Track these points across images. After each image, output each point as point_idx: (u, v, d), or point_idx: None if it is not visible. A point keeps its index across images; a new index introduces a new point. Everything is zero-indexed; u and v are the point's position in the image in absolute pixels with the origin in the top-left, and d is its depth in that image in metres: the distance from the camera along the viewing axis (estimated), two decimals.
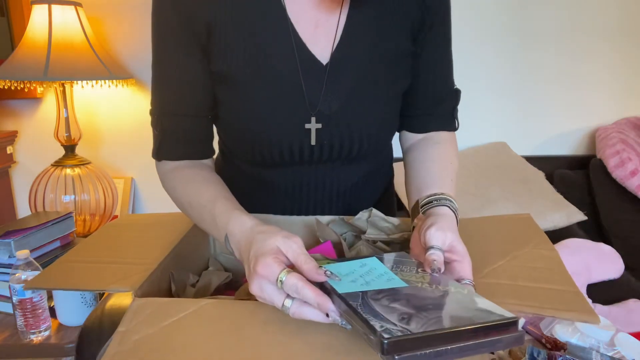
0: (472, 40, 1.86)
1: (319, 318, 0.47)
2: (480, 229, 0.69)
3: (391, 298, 0.46)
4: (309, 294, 0.47)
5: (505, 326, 0.41)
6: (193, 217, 0.70)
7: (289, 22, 0.68)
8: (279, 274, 0.49)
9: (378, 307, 0.44)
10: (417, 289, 0.48)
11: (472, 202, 1.63)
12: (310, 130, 0.71)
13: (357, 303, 0.44)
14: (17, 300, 1.04)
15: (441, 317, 0.42)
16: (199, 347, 0.46)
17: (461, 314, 0.43)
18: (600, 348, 0.68)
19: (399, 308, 0.43)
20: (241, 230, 0.58)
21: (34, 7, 1.57)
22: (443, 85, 0.79)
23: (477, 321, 0.41)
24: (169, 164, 0.74)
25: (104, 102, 1.94)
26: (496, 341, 0.41)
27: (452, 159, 0.77)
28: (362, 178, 0.81)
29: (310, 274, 0.49)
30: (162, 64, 0.71)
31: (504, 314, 0.42)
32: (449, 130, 0.81)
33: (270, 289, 0.49)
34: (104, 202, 1.74)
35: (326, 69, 0.69)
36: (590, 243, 1.49)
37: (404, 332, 0.39)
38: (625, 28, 1.84)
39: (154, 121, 0.74)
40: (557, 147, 1.97)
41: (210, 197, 0.66)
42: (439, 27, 0.74)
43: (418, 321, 0.41)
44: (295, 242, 0.51)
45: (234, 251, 0.59)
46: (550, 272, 0.56)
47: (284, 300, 0.49)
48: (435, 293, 0.47)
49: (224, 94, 0.72)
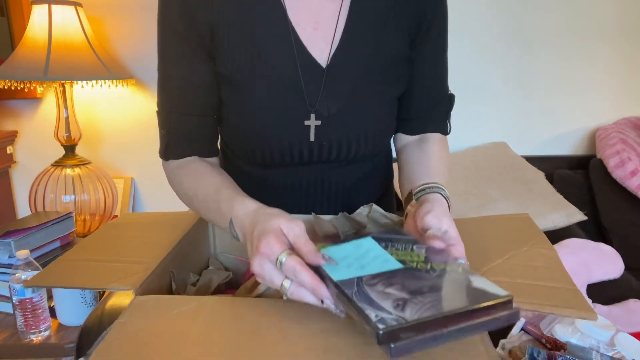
0: (472, 40, 1.86)
1: (316, 302, 0.48)
2: (479, 229, 0.70)
3: (386, 282, 0.46)
4: (305, 278, 0.48)
5: (500, 306, 0.42)
6: (199, 209, 0.71)
7: (290, 24, 0.69)
8: (279, 254, 0.49)
9: (373, 293, 0.44)
10: (412, 271, 0.48)
11: (472, 202, 1.63)
12: (309, 127, 0.72)
13: (352, 291, 0.45)
14: (17, 300, 1.04)
15: (436, 301, 0.42)
16: (200, 334, 0.46)
17: (456, 296, 0.43)
18: (600, 348, 0.68)
19: (394, 293, 0.44)
20: (245, 213, 0.59)
21: (34, 7, 1.57)
22: (438, 90, 0.81)
23: (471, 303, 0.41)
24: (175, 162, 0.75)
25: (104, 102, 1.95)
26: (492, 320, 0.41)
27: (443, 155, 0.79)
28: (362, 179, 0.82)
29: (309, 255, 0.49)
30: (168, 64, 0.72)
31: (498, 292, 0.43)
32: (441, 134, 0.82)
33: (270, 268, 0.50)
34: (104, 202, 1.74)
35: (325, 72, 0.70)
36: (590, 243, 1.49)
37: (398, 320, 0.39)
38: (626, 28, 1.84)
39: (160, 121, 0.75)
40: (557, 147, 1.97)
41: (215, 186, 0.68)
42: (435, 32, 0.75)
43: (413, 307, 0.41)
44: (298, 225, 0.52)
45: (238, 235, 0.60)
46: (548, 270, 0.56)
47: (283, 281, 0.49)
48: (430, 274, 0.48)
49: (227, 95, 0.73)
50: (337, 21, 0.70)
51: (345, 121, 0.73)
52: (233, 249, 0.80)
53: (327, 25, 0.70)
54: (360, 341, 0.45)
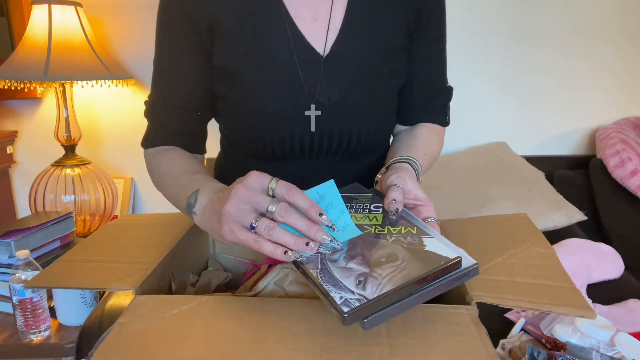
0: (472, 40, 1.86)
1: (305, 228, 0.49)
2: (478, 228, 0.70)
3: (347, 256, 0.49)
4: (300, 199, 0.49)
5: (452, 267, 0.46)
6: (169, 185, 0.70)
7: (288, 15, 0.70)
8: (269, 181, 0.50)
9: (336, 271, 0.48)
10: (370, 240, 0.52)
11: (472, 202, 1.63)
12: (310, 118, 0.72)
13: (316, 270, 0.48)
14: (17, 300, 1.05)
15: (394, 272, 0.46)
16: (200, 334, 0.46)
17: (411, 263, 0.47)
18: (600, 348, 0.69)
19: (355, 269, 0.47)
20: (218, 186, 0.59)
21: (34, 7, 1.57)
22: (436, 82, 0.82)
23: (424, 269, 0.46)
24: (155, 149, 0.76)
25: (104, 102, 1.95)
26: (451, 279, 0.46)
27: (432, 140, 0.80)
28: (363, 174, 0.82)
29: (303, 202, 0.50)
30: (160, 57, 0.74)
31: (448, 255, 0.47)
32: (439, 125, 0.84)
33: (256, 198, 0.49)
34: (104, 202, 1.74)
35: (324, 61, 0.71)
36: (590, 243, 1.49)
37: (360, 300, 0.43)
38: (626, 28, 1.84)
39: (146, 110, 0.77)
40: (557, 147, 1.97)
41: (194, 168, 0.68)
42: (433, 25, 0.77)
43: (373, 282, 0.45)
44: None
45: (198, 203, 0.59)
46: (547, 269, 0.56)
47: (269, 205, 0.49)
48: (387, 240, 0.51)
49: (226, 89, 0.73)
50: (337, 11, 0.72)
51: (346, 112, 0.73)
52: (232, 250, 0.80)
53: (327, 16, 0.72)
54: (360, 340, 0.45)
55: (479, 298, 0.50)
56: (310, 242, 0.48)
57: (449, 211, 1.57)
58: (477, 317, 0.49)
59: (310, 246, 0.48)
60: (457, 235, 0.67)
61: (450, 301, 0.53)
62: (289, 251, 0.48)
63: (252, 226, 0.49)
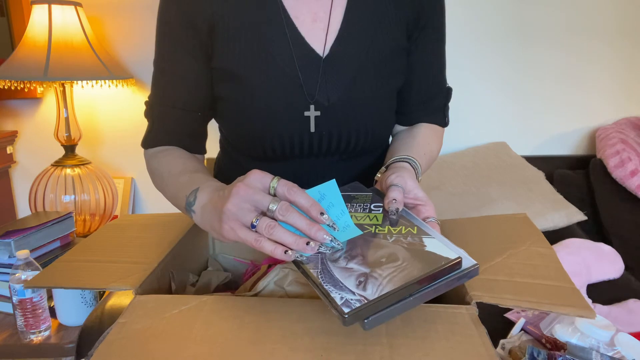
0: (472, 40, 1.86)
1: (306, 227, 0.48)
2: (477, 228, 0.70)
3: (348, 256, 0.49)
4: (302, 197, 0.49)
5: (452, 267, 0.46)
6: (169, 185, 0.70)
7: (288, 16, 0.70)
8: (271, 180, 0.50)
9: (336, 271, 0.47)
10: (371, 239, 0.51)
11: (472, 202, 1.63)
12: (309, 118, 0.72)
13: (317, 270, 0.48)
14: (17, 300, 1.05)
15: (394, 272, 0.46)
16: (200, 334, 0.47)
17: (411, 263, 0.47)
18: (600, 348, 0.68)
19: (356, 269, 0.47)
20: (217, 184, 0.60)
21: (34, 7, 1.57)
22: (435, 83, 0.82)
23: (424, 269, 0.45)
24: (155, 149, 0.76)
25: (104, 102, 1.95)
26: (450, 279, 0.46)
27: (431, 140, 0.81)
28: (362, 174, 0.82)
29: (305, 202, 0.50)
30: (160, 57, 0.74)
31: (448, 255, 0.47)
32: (438, 125, 0.84)
33: (252, 193, 0.49)
34: (104, 202, 1.74)
35: (323, 62, 0.71)
36: (590, 243, 1.49)
37: (361, 301, 0.43)
38: (626, 28, 1.84)
39: (146, 110, 0.77)
40: (557, 147, 1.97)
41: (194, 168, 0.69)
42: (432, 26, 0.77)
43: (374, 283, 0.45)
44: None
45: (199, 203, 0.59)
46: (546, 269, 0.56)
47: (270, 204, 0.49)
48: (387, 240, 0.51)
49: (226, 89, 0.74)
50: (336, 12, 0.72)
51: (345, 112, 0.73)
52: (232, 250, 0.80)
53: (327, 17, 0.72)
54: (360, 340, 0.45)
55: (478, 298, 0.50)
56: (310, 242, 0.48)
57: (449, 211, 1.57)
58: (477, 317, 0.49)
59: (310, 245, 0.48)
60: (457, 235, 0.67)
61: (450, 301, 0.53)
62: (289, 250, 0.48)
63: (253, 225, 0.49)
